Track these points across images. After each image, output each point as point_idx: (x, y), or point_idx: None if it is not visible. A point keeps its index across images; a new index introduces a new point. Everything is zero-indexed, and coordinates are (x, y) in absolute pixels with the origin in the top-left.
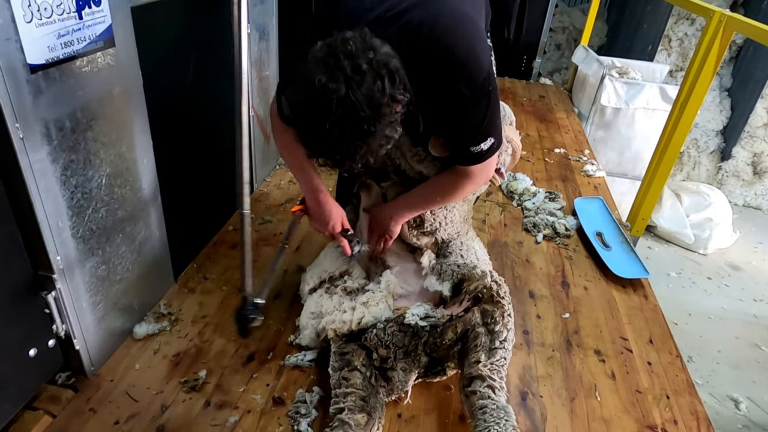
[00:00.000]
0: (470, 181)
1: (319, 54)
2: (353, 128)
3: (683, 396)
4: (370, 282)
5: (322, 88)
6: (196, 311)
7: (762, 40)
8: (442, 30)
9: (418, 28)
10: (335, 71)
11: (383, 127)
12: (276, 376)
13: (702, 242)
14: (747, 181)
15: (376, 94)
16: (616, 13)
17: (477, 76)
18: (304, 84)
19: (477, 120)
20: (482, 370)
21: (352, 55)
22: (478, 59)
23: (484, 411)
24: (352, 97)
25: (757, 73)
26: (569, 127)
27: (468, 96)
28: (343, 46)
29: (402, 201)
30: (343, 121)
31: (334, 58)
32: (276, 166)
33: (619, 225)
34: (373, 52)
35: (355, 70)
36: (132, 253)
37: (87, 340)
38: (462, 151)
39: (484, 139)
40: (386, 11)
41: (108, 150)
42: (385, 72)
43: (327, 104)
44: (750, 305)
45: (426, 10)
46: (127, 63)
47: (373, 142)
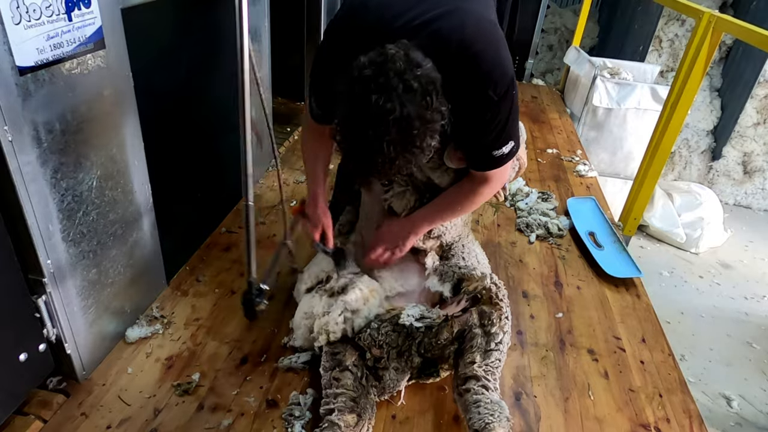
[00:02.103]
0: (487, 187)
1: (368, 72)
2: (407, 144)
3: (676, 394)
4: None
5: (378, 108)
6: (188, 314)
7: (750, 40)
8: (470, 39)
9: (447, 36)
10: (388, 90)
11: (430, 139)
12: (270, 379)
13: (693, 241)
14: (737, 181)
15: (425, 110)
16: (608, 14)
17: (503, 81)
18: (358, 104)
19: (501, 123)
20: (477, 371)
21: (402, 72)
22: (503, 65)
23: (478, 404)
24: (407, 114)
25: (747, 73)
26: (561, 128)
27: (495, 100)
28: (392, 63)
29: (420, 215)
30: (399, 139)
31: (384, 76)
32: (269, 167)
33: (612, 225)
34: (420, 68)
35: (406, 88)
36: (124, 256)
37: (78, 344)
38: (484, 156)
39: (506, 142)
40: (413, 20)
41: (99, 152)
42: (432, 88)
43: (384, 124)
44: (741, 303)
45: (453, 19)
46: (117, 65)
47: (421, 153)
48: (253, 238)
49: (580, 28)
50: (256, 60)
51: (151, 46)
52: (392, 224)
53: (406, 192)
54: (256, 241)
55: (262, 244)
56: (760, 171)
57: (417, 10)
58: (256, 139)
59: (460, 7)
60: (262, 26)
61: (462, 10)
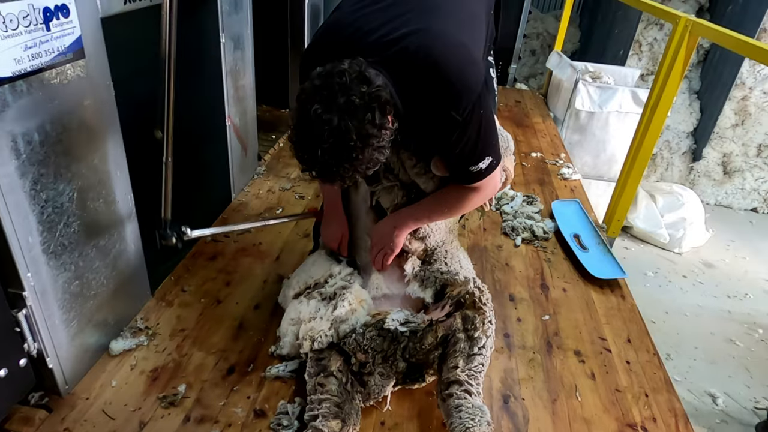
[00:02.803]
0: (477, 194)
1: (317, 82)
2: (343, 155)
3: (661, 393)
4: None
5: (316, 117)
6: (174, 324)
7: (724, 44)
8: (435, 59)
9: (414, 54)
10: (329, 102)
11: (371, 152)
12: (257, 388)
13: (677, 241)
14: (718, 181)
15: (365, 125)
16: (589, 20)
17: (467, 101)
18: (301, 110)
19: (471, 141)
20: (460, 375)
21: (346, 87)
22: (468, 85)
23: (460, 409)
24: (343, 127)
25: (725, 75)
26: (545, 132)
27: (458, 121)
28: (339, 78)
29: (406, 211)
30: (334, 148)
31: (328, 89)
32: (254, 175)
33: (596, 227)
34: (367, 84)
35: (347, 102)
36: (106, 267)
37: (60, 358)
38: (461, 171)
39: (482, 158)
40: (384, 36)
41: (79, 163)
42: (375, 105)
43: (320, 132)
44: (724, 302)
45: (424, 38)
46: (97, 74)
47: (360, 165)
48: (170, 173)
49: (562, 33)
50: (239, 68)
51: (133, 55)
52: (379, 225)
53: (394, 187)
54: (241, 250)
55: (248, 252)
56: (740, 171)
57: (388, 27)
58: (242, 146)
59: (430, 28)
60: (244, 34)
61: (432, 30)
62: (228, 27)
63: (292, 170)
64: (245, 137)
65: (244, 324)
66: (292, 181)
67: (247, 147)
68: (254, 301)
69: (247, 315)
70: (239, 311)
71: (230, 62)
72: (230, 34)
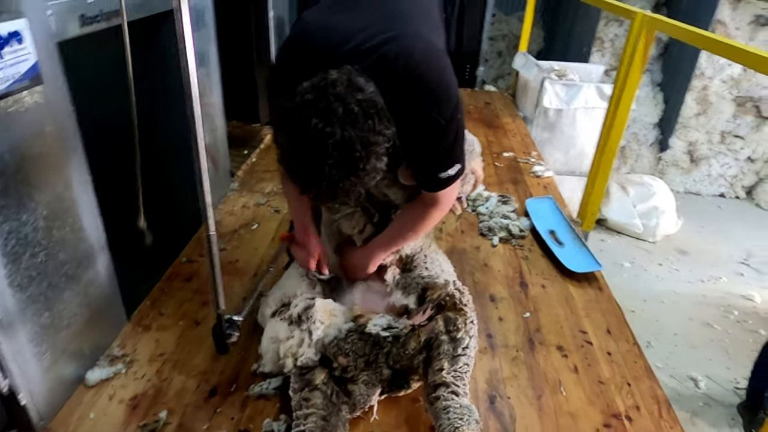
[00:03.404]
0: (436, 208)
1: (308, 96)
2: (350, 167)
3: (643, 381)
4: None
5: (317, 132)
6: (152, 349)
7: (680, 36)
8: (416, 62)
9: (394, 61)
10: (328, 114)
11: (374, 162)
12: (241, 408)
13: (650, 230)
14: (685, 169)
15: (367, 133)
16: (551, 19)
17: (448, 104)
18: (298, 127)
19: (447, 146)
20: (446, 377)
21: (342, 96)
22: (449, 89)
23: (448, 410)
24: (348, 138)
25: (684, 67)
26: (516, 131)
27: (441, 124)
28: (332, 88)
29: (376, 243)
30: (340, 161)
31: (324, 100)
32: (227, 192)
33: (570, 222)
34: (361, 92)
35: (346, 112)
36: (78, 296)
37: (33, 394)
38: (430, 177)
39: (452, 165)
40: (360, 44)
41: (43, 191)
42: (373, 111)
43: (324, 147)
44: (699, 287)
45: (401, 44)
46: (57, 100)
47: (366, 176)
48: (218, 268)
49: (526, 34)
50: (205, 84)
51: (94, 78)
52: (352, 257)
53: (355, 213)
54: None
55: (225, 270)
56: (705, 159)
57: (364, 34)
58: (212, 163)
59: (406, 33)
60: (209, 50)
61: (408, 36)
62: None
63: (266, 185)
64: (216, 154)
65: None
66: (266, 196)
67: (219, 164)
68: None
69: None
70: None
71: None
72: None
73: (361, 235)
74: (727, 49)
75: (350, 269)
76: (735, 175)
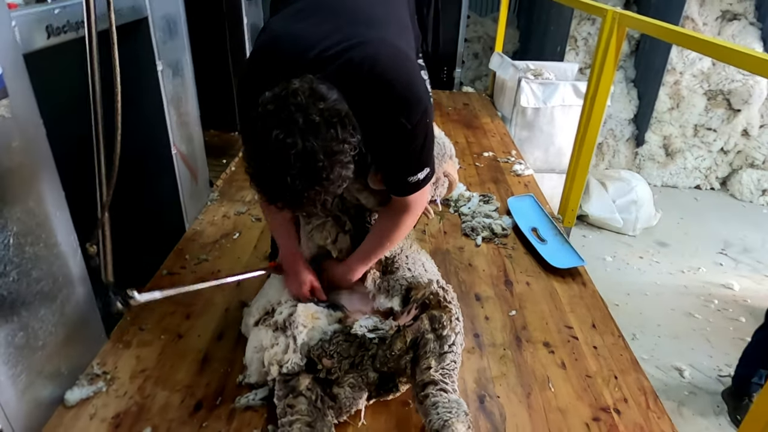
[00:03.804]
0: (408, 213)
1: (270, 107)
2: (312, 177)
3: (629, 374)
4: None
5: (278, 143)
6: (133, 366)
7: (650, 32)
8: (382, 68)
9: (359, 66)
10: (289, 124)
11: (339, 170)
12: (227, 421)
13: (630, 224)
14: (661, 163)
15: (330, 142)
16: (526, 20)
17: (417, 109)
18: (260, 138)
19: (416, 151)
20: (434, 375)
21: (303, 106)
22: (416, 94)
23: (437, 406)
24: (309, 148)
25: (657, 62)
26: (495, 131)
27: (408, 129)
28: (293, 98)
29: (355, 257)
30: (303, 172)
31: (286, 111)
32: (207, 202)
33: (552, 219)
34: (323, 101)
35: (307, 122)
36: (54, 314)
37: (10, 417)
38: (400, 182)
39: (421, 168)
40: (326, 50)
41: (13, 208)
42: (336, 120)
43: (286, 158)
44: (679, 277)
45: (366, 49)
46: (24, 113)
47: (331, 186)
48: (108, 232)
49: (501, 35)
50: (180, 95)
51: (63, 90)
52: (333, 271)
53: (326, 223)
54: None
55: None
56: (680, 152)
57: (330, 40)
58: (190, 174)
59: (373, 38)
60: (183, 59)
61: (375, 41)
62: (164, 54)
63: (246, 193)
64: (194, 164)
65: (208, 356)
66: (247, 204)
67: (197, 174)
68: (217, 332)
69: (210, 347)
70: (202, 344)
71: (170, 90)
72: (167, 61)
73: (335, 245)
74: (698, 42)
75: (333, 282)
76: (709, 167)
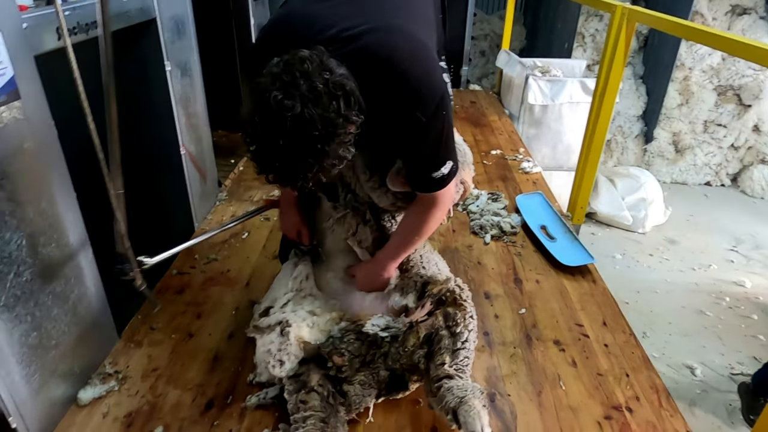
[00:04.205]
0: (438, 207)
1: (275, 70)
2: (306, 146)
3: (641, 372)
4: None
5: (277, 104)
6: (145, 365)
7: (661, 27)
8: (399, 58)
9: (375, 53)
10: (291, 89)
11: (336, 146)
12: (239, 420)
13: (639, 222)
14: (671, 160)
15: (330, 114)
16: (532, 17)
17: (432, 101)
18: (259, 99)
19: (434, 145)
20: (448, 371)
21: (309, 74)
22: (432, 84)
23: (451, 389)
24: (307, 115)
25: (665, 58)
26: (502, 129)
27: (423, 122)
28: (300, 65)
29: (384, 254)
30: (297, 138)
31: (290, 75)
32: (216, 202)
33: (561, 216)
34: (329, 72)
35: (310, 89)
36: (66, 314)
37: (24, 416)
38: (424, 179)
39: (444, 162)
40: (341, 32)
41: (25, 209)
42: (340, 93)
43: (282, 121)
44: (690, 275)
45: (384, 36)
46: (36, 115)
47: (325, 160)
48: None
49: (507, 32)
50: (189, 95)
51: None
52: (363, 272)
53: (347, 215)
54: (209, 279)
55: (216, 281)
56: (690, 148)
57: (345, 23)
58: (199, 174)
59: (391, 25)
60: (191, 60)
61: (393, 28)
62: (173, 54)
63: (254, 192)
64: (203, 164)
65: (219, 355)
66: (255, 204)
67: (206, 174)
68: (227, 331)
69: (221, 346)
70: (213, 343)
71: (179, 90)
72: (176, 62)
73: (355, 237)
74: (709, 37)
75: (365, 285)
76: (719, 163)
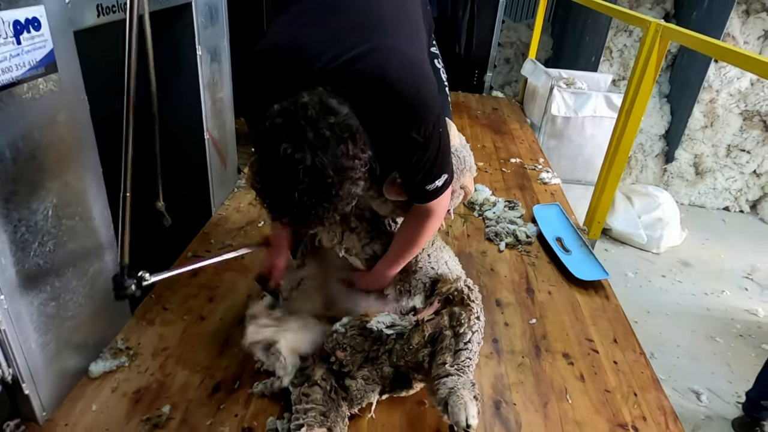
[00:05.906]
0: (431, 217)
1: (278, 121)
2: (321, 194)
3: (649, 392)
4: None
5: (287, 158)
6: (156, 344)
7: (695, 46)
8: (392, 79)
9: (370, 77)
10: (298, 139)
11: (348, 187)
12: (245, 406)
13: (654, 242)
14: (690, 182)
15: (340, 158)
16: (560, 28)
17: (427, 122)
18: (268, 153)
19: (430, 161)
20: (449, 370)
21: (313, 120)
22: (427, 105)
23: (446, 382)
24: (318, 164)
25: (692, 79)
26: (523, 138)
27: (419, 141)
28: (303, 111)
29: (382, 265)
30: (311, 188)
31: (294, 124)
32: (234, 189)
33: (577, 229)
34: (333, 115)
35: (317, 136)
36: (84, 287)
37: (37, 383)
38: (419, 191)
39: (438, 176)
40: (332, 61)
41: (54, 180)
42: (347, 135)
43: (294, 174)
44: (702, 299)
45: (376, 59)
46: (71, 88)
47: (340, 202)
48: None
49: (535, 42)
50: (216, 80)
51: (108, 69)
52: (361, 281)
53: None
54: (223, 265)
55: (230, 266)
56: (711, 171)
57: (335, 50)
58: (220, 160)
59: (381, 46)
60: (221, 46)
61: (383, 49)
62: (204, 39)
63: None
64: (224, 150)
65: (229, 340)
66: None
67: (227, 160)
68: (239, 317)
69: (231, 331)
70: (223, 327)
71: (207, 75)
72: (207, 47)
73: (341, 245)
74: (744, 59)
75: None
76: (740, 188)
